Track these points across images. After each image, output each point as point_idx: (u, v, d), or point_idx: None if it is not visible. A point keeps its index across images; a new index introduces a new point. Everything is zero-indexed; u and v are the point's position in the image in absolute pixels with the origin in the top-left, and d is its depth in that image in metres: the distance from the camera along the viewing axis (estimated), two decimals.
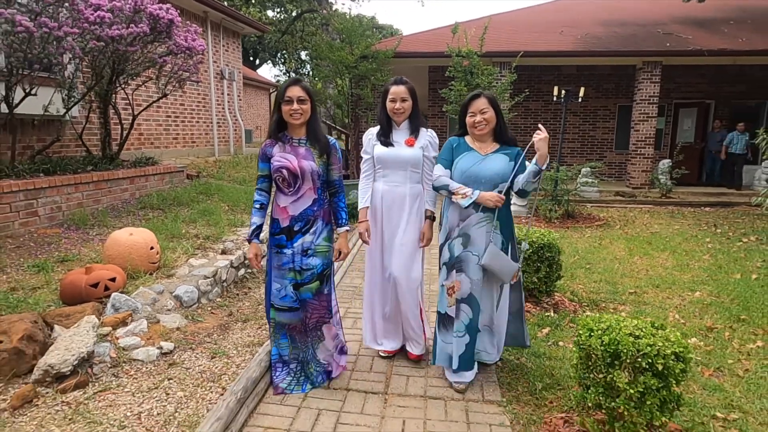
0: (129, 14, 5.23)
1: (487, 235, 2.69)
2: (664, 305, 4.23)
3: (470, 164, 2.73)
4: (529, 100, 12.90)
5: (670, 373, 2.00)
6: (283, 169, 2.56)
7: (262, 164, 2.65)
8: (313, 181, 2.60)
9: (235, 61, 11.89)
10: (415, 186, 2.97)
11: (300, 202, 2.62)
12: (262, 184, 2.68)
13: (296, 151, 2.61)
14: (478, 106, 2.71)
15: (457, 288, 2.76)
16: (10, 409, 2.33)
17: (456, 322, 2.77)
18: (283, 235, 2.64)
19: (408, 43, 12.69)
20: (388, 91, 2.95)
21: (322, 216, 2.68)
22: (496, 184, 2.68)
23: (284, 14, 30.27)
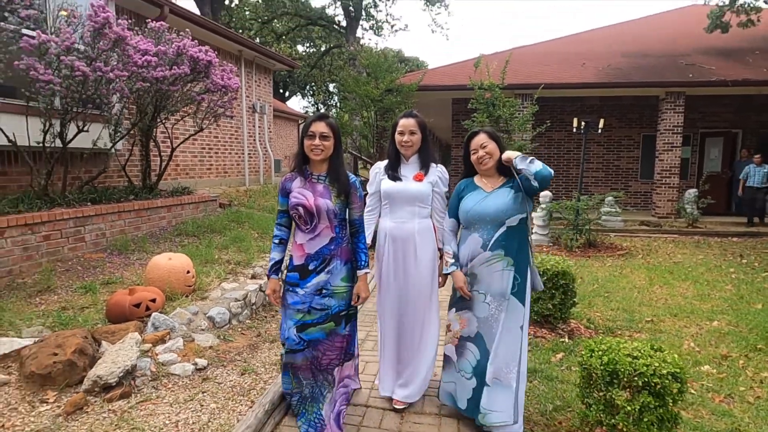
0: (172, 57, 5.71)
1: (501, 274, 2.57)
2: (680, 333, 4.28)
3: (473, 203, 2.65)
4: (552, 131, 13.09)
5: (666, 392, 2.13)
6: (299, 206, 2.47)
7: (282, 198, 2.57)
8: (329, 219, 2.49)
9: (266, 95, 12.48)
10: (423, 221, 2.88)
11: (316, 240, 2.51)
12: (282, 219, 2.61)
13: (314, 188, 2.51)
14: (478, 142, 2.67)
15: (463, 326, 2.69)
16: (64, 414, 2.60)
17: (461, 361, 2.68)
18: (296, 273, 2.53)
19: (432, 76, 13.12)
20: (397, 124, 2.91)
21: (339, 255, 2.55)
22: (502, 221, 2.56)
23: (313, 48, 31.48)
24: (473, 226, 2.64)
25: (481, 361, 2.60)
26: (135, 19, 7.01)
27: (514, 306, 2.56)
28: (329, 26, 25.39)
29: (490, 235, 2.57)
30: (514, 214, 2.54)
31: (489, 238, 2.57)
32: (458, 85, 11.75)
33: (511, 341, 2.54)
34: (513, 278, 2.56)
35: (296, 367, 2.58)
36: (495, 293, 2.58)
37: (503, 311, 2.56)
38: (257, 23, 25.69)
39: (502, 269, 2.56)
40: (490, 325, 2.59)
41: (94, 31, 4.81)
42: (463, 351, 2.68)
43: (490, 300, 2.59)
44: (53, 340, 2.99)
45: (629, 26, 16.72)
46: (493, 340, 2.56)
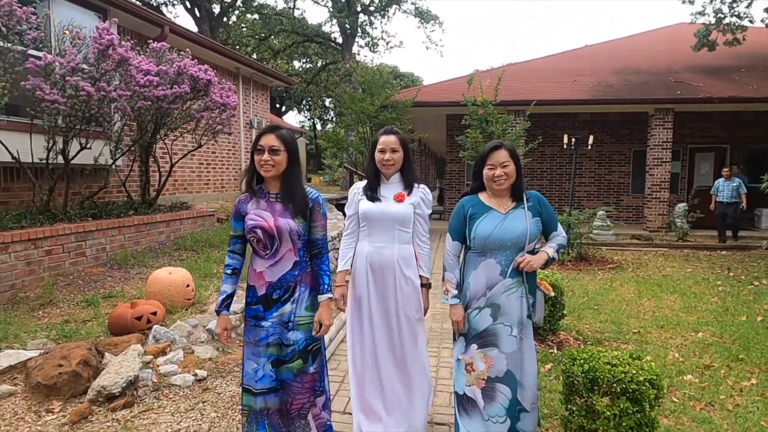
0: (173, 76, 5.88)
1: (519, 300, 2.39)
2: (666, 344, 4.41)
3: (492, 227, 2.38)
4: (545, 146, 13.32)
5: (644, 397, 2.26)
6: (257, 228, 2.17)
7: (235, 223, 2.27)
8: (292, 241, 2.20)
9: (263, 111, 12.68)
10: (404, 247, 2.65)
11: (278, 266, 2.21)
12: (235, 246, 2.29)
13: (272, 208, 2.22)
14: (499, 159, 2.39)
15: (490, 365, 2.39)
16: (69, 423, 2.70)
17: (490, 406, 2.38)
18: (260, 306, 2.23)
19: (426, 92, 13.37)
20: (377, 141, 2.70)
21: (303, 280, 2.26)
22: (523, 245, 2.37)
23: (309, 64, 31.88)
24: (491, 251, 2.39)
25: (513, 399, 2.38)
26: (137, 39, 7.20)
27: (530, 329, 2.45)
28: (325, 43, 25.78)
29: (509, 261, 2.36)
30: (534, 239, 2.41)
31: (508, 263, 2.36)
32: (452, 102, 11.98)
33: (533, 363, 2.43)
34: (530, 304, 2.42)
35: (270, 413, 2.25)
36: (518, 323, 2.39)
37: (526, 338, 2.41)
38: (254, 40, 26.05)
39: (522, 296, 2.39)
40: (516, 357, 2.38)
41: (99, 52, 4.97)
42: (493, 394, 2.38)
43: (516, 332, 2.38)
44: (58, 352, 3.10)
45: (620, 44, 17.11)
46: (518, 370, 2.38)
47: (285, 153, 2.21)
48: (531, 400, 2.40)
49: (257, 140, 2.20)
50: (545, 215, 2.45)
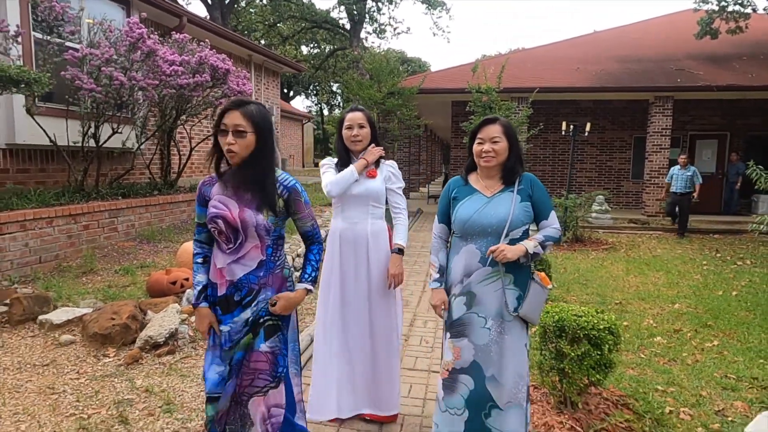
0: (194, 66, 6.33)
1: (499, 292, 2.22)
2: (643, 313, 4.88)
3: (473, 211, 2.25)
4: (548, 132, 13.67)
5: (603, 342, 2.73)
6: (218, 219, 1.85)
7: (199, 208, 1.97)
8: (259, 237, 1.89)
9: (274, 97, 13.12)
10: (376, 222, 2.71)
11: (241, 263, 1.89)
12: (201, 235, 1.99)
13: (240, 196, 1.89)
14: (489, 134, 2.23)
15: (457, 356, 2.28)
16: (124, 365, 3.22)
17: (449, 398, 2.28)
18: (218, 308, 1.94)
19: (432, 80, 13.72)
20: (343, 119, 2.74)
21: (269, 283, 1.93)
22: (505, 232, 2.20)
23: (317, 49, 32.15)
24: (471, 236, 2.26)
25: (474, 390, 2.25)
26: (155, 28, 7.63)
27: (516, 324, 2.25)
28: (333, 29, 26.03)
29: (488, 248, 2.20)
30: (519, 226, 2.20)
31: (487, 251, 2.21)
32: (457, 89, 12.33)
33: (518, 362, 2.25)
34: (516, 297, 2.23)
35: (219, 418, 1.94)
36: (495, 315, 2.23)
37: (506, 333, 2.24)
38: (263, 26, 26.35)
39: (503, 287, 2.22)
40: (488, 350, 2.24)
41: (130, 44, 5.43)
42: (453, 385, 2.28)
43: (492, 324, 2.23)
44: (109, 308, 3.62)
45: (622, 31, 17.28)
46: (492, 363, 2.24)
47: (253, 134, 1.84)
48: (507, 399, 2.24)
49: (220, 118, 1.84)
50: (536, 200, 2.27)
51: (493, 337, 2.24)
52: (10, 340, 3.49)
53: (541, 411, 2.90)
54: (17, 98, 5.42)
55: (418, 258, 7.49)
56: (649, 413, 2.89)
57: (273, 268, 1.95)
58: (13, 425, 2.53)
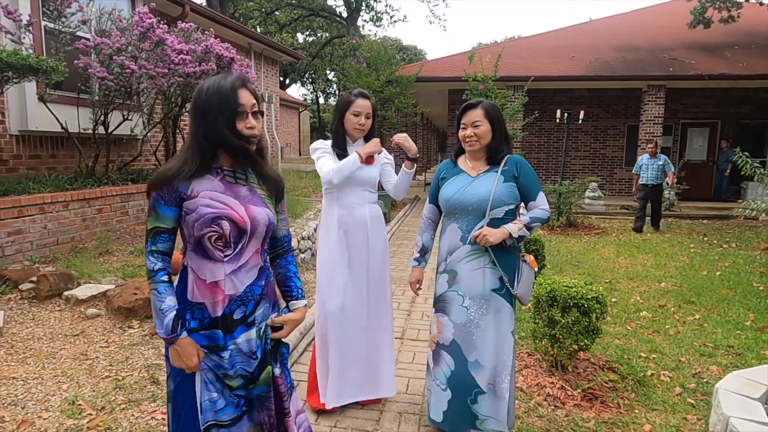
0: (200, 55, 6.50)
1: (479, 272, 2.27)
2: (631, 291, 5.17)
3: (455, 190, 2.33)
4: (543, 120, 13.90)
5: (591, 311, 3.00)
6: (223, 220, 1.52)
7: (165, 209, 1.53)
8: (263, 240, 1.66)
9: (273, 85, 13.26)
10: (373, 207, 2.73)
11: (243, 272, 1.60)
12: (163, 245, 1.55)
13: (236, 193, 1.60)
14: (471, 118, 2.30)
15: (439, 331, 2.38)
16: (149, 335, 3.47)
17: (436, 369, 2.39)
18: (216, 331, 1.57)
19: (429, 68, 13.90)
20: (351, 102, 2.61)
21: (269, 295, 1.69)
22: (484, 211, 2.24)
23: (314, 37, 32.10)
24: (454, 215, 2.34)
25: (456, 372, 2.30)
26: (159, 17, 7.78)
27: (500, 307, 2.28)
28: (330, 17, 26.03)
29: (470, 227, 2.27)
30: (501, 205, 2.24)
31: (469, 230, 2.27)
32: (454, 77, 12.53)
33: (501, 348, 2.27)
34: (497, 277, 2.27)
35: None
36: (475, 295, 2.27)
37: (487, 314, 2.27)
38: (260, 14, 26.31)
39: (484, 266, 2.26)
40: (469, 331, 2.28)
41: (140, 34, 5.60)
42: (438, 359, 2.39)
43: (469, 303, 2.28)
44: (131, 284, 3.86)
45: (617, 20, 17.46)
46: (475, 348, 2.27)
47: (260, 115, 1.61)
48: (488, 381, 2.27)
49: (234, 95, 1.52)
50: (522, 181, 2.28)
51: (472, 318, 2.27)
52: (40, 313, 3.72)
53: (535, 374, 3.18)
54: (30, 86, 5.60)
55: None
56: (632, 375, 3.18)
57: (269, 275, 1.72)
58: (55, 385, 2.78)
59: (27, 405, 2.58)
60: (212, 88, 1.53)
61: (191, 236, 1.55)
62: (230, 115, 1.53)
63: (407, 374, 3.26)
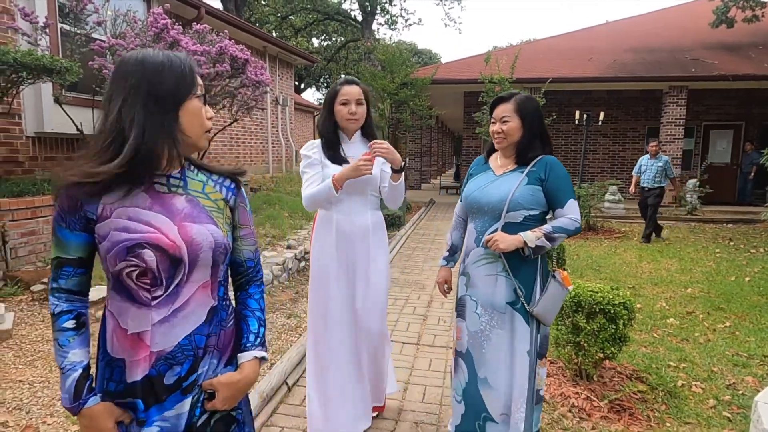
0: (215, 56, 6.47)
1: (492, 279, 2.07)
2: (656, 297, 4.97)
3: (475, 188, 2.16)
4: (560, 123, 13.67)
5: (618, 317, 2.84)
6: (145, 248, 1.08)
7: (68, 234, 1.11)
8: (212, 269, 1.18)
9: (288, 88, 13.26)
10: (375, 213, 2.42)
11: (179, 318, 1.14)
12: (68, 281, 1.14)
13: (168, 207, 1.14)
14: (500, 113, 2.09)
15: (458, 337, 2.22)
16: None
17: (454, 379, 2.25)
18: (137, 400, 1.13)
19: (444, 70, 13.78)
20: (337, 93, 2.29)
21: (219, 345, 1.22)
22: (500, 213, 2.03)
23: (328, 42, 32.20)
24: (472, 214, 2.18)
25: (468, 386, 2.13)
26: (175, 19, 7.79)
27: (515, 324, 2.04)
28: (345, 21, 26.08)
29: (484, 229, 2.09)
30: (518, 209, 2.01)
31: (483, 231, 2.10)
32: (469, 79, 12.39)
33: (516, 367, 2.02)
34: (512, 289, 2.03)
35: None
36: (486, 303, 2.09)
37: (498, 328, 2.06)
38: (276, 18, 26.46)
39: (496, 273, 2.06)
40: (479, 343, 2.10)
41: (155, 35, 5.58)
42: (456, 368, 2.23)
43: (481, 311, 2.10)
44: None
45: (636, 21, 17.17)
46: (484, 363, 2.08)
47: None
48: (502, 410, 2.04)
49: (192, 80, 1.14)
50: (549, 185, 2.03)
51: (482, 328, 2.09)
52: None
53: (558, 383, 3.03)
54: (46, 88, 5.61)
55: (432, 245, 7.61)
56: (662, 386, 3.00)
57: (226, 318, 1.23)
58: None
59: (32, 409, 2.50)
60: (163, 61, 1.10)
61: (108, 271, 1.12)
62: (181, 99, 1.12)
63: (423, 382, 3.13)
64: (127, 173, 1.07)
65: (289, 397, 2.90)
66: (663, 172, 7.99)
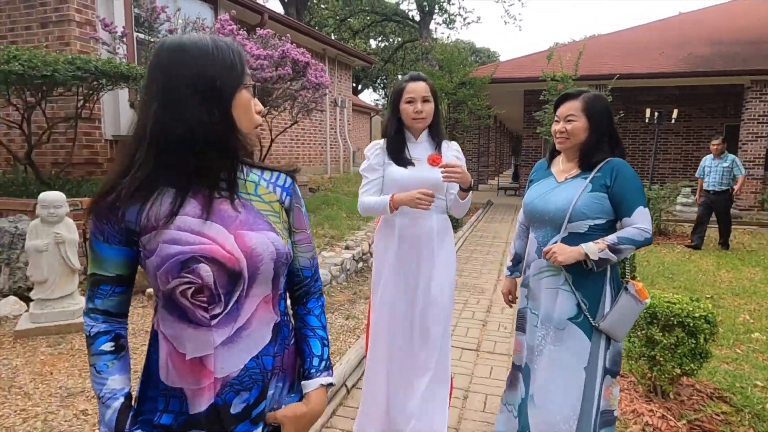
0: (277, 60, 6.63)
1: (553, 292, 1.93)
2: (738, 309, 4.59)
3: (535, 196, 2.03)
4: (627, 121, 13.03)
5: (699, 331, 2.64)
6: (201, 262, 0.95)
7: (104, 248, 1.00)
8: (274, 281, 1.05)
9: (346, 90, 13.42)
10: (441, 217, 2.27)
11: (244, 339, 1.02)
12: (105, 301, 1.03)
13: (220, 215, 1.00)
14: (565, 111, 1.94)
15: (516, 350, 2.14)
16: None
17: (509, 392, 2.14)
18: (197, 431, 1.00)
19: (504, 69, 13.47)
20: (402, 90, 2.17)
21: (284, 365, 1.11)
22: (561, 223, 1.90)
23: (385, 42, 32.36)
24: (533, 224, 2.06)
25: (523, 405, 2.03)
26: (239, 25, 8.06)
27: (573, 338, 1.89)
28: (403, 21, 26.11)
29: (546, 240, 1.96)
30: (581, 219, 1.86)
31: (545, 242, 1.96)
32: (530, 77, 12.05)
33: (568, 385, 1.87)
34: (574, 303, 1.89)
35: None
36: (545, 317, 1.96)
37: (551, 344, 1.93)
38: (334, 21, 26.90)
39: (558, 287, 1.92)
40: (533, 358, 2.00)
41: None
42: (513, 381, 2.13)
43: (541, 326, 1.98)
44: None
45: (711, 12, 16.10)
46: (535, 380, 1.98)
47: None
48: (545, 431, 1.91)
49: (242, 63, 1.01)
50: (616, 190, 1.85)
51: (538, 342, 1.97)
52: None
53: (629, 399, 2.86)
54: (123, 93, 5.95)
55: (491, 248, 7.44)
56: (748, 407, 2.76)
57: (288, 335, 1.12)
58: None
59: None
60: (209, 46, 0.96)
61: (158, 290, 0.99)
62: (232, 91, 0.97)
63: (484, 390, 3.05)
64: (174, 177, 0.97)
65: (348, 399, 2.90)
66: (730, 173, 7.20)
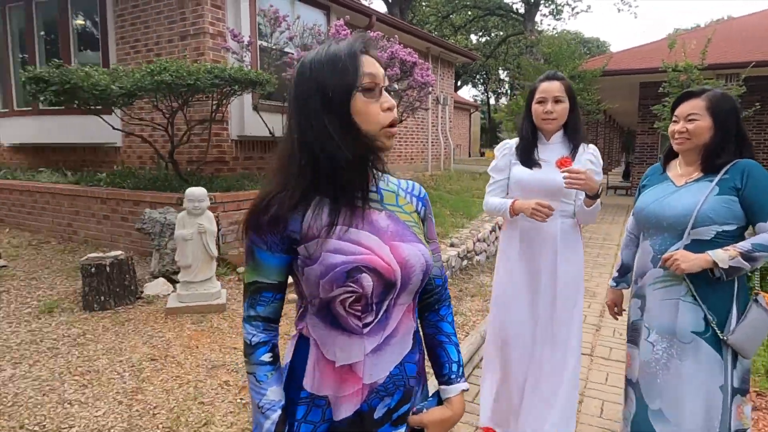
0: (386, 61, 6.85)
1: (672, 303, 1.81)
2: None
3: (651, 200, 1.90)
4: (764, 114, 11.65)
5: None
6: (364, 272, 0.97)
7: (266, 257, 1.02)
8: (416, 294, 1.09)
9: (448, 87, 13.44)
10: (567, 221, 2.18)
11: (391, 347, 1.05)
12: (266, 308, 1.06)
13: (371, 223, 1.02)
14: (685, 110, 1.82)
15: (628, 364, 2.04)
16: None
17: (624, 409, 2.06)
18: None
19: (617, 60, 12.67)
20: (535, 89, 2.14)
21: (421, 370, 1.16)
22: (684, 229, 1.76)
23: (487, 37, 31.78)
24: (647, 231, 1.95)
25: (637, 418, 1.92)
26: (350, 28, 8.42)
27: (702, 353, 1.76)
28: (506, 15, 25.50)
29: (663, 248, 1.83)
30: (707, 224, 1.72)
31: (662, 251, 1.83)
32: (648, 68, 11.23)
33: (705, 405, 1.76)
34: (699, 316, 1.76)
35: None
36: (663, 330, 1.85)
37: (678, 359, 1.81)
38: (436, 18, 26.94)
39: (678, 298, 1.79)
40: (653, 372, 1.87)
41: None
42: (625, 397, 2.05)
43: (655, 339, 1.87)
44: None
45: None
46: (659, 395, 1.85)
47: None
48: None
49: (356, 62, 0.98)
50: (748, 193, 1.70)
51: (658, 357, 1.85)
52: None
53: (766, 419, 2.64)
54: (247, 98, 6.50)
55: (601, 250, 7.11)
56: None
57: (420, 341, 1.15)
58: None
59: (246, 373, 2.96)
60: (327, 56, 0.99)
61: (315, 297, 1.00)
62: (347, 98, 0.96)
63: (601, 396, 2.97)
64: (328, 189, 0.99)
65: None
66: None
